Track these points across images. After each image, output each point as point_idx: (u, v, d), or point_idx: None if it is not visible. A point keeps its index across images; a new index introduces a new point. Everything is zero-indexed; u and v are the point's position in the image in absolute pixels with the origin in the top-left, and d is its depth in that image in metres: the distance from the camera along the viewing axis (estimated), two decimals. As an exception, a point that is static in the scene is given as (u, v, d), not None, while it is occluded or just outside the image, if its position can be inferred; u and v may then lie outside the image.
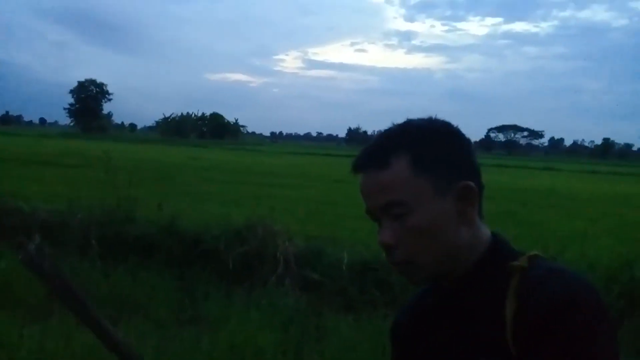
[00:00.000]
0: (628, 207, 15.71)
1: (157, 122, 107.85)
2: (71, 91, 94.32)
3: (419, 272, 0.93)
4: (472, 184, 0.93)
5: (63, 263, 5.81)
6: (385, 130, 0.98)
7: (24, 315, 4.69)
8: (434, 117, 0.97)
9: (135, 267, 5.83)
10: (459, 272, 0.94)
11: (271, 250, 5.93)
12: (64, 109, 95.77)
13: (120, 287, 5.41)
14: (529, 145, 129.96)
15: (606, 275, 5.10)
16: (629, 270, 5.22)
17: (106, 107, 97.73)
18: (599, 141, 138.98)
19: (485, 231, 0.96)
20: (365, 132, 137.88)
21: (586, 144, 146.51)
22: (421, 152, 0.92)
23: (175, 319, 4.84)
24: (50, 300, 5.04)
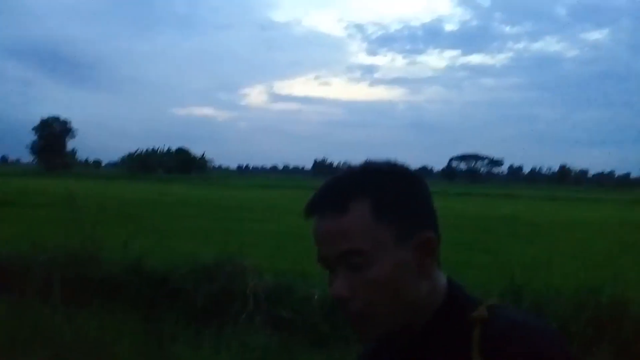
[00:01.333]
0: (589, 233, 16.10)
1: (122, 158, 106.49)
2: (34, 128, 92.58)
3: (374, 326, 0.87)
4: (433, 234, 0.89)
5: (24, 308, 5.62)
6: (343, 172, 0.93)
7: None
8: (393, 160, 0.93)
9: (100, 310, 5.66)
10: (416, 326, 0.89)
11: (240, 288, 5.85)
12: (27, 147, 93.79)
13: (85, 332, 5.23)
14: (489, 173, 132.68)
15: (573, 303, 5.18)
16: (595, 296, 5.32)
17: (70, 144, 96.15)
18: (556, 167, 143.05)
19: (441, 279, 0.92)
20: (331, 163, 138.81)
21: (544, 171, 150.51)
22: (382, 198, 0.86)
23: (143, 363, 4.69)
24: (12, 346, 4.85)
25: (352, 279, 0.86)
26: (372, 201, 0.86)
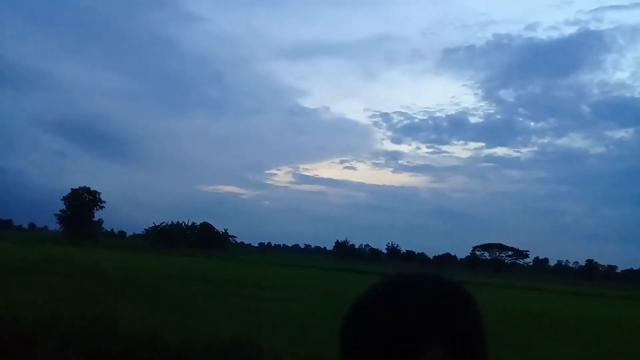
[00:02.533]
0: (619, 332, 15.41)
1: (146, 230, 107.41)
2: (64, 198, 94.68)
3: None
4: None
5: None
6: (400, 301, 0.76)
7: None
8: (448, 278, 0.82)
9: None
10: None
11: (257, 370, 5.68)
12: (55, 215, 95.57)
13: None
14: (514, 264, 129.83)
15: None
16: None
17: (97, 215, 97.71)
18: (582, 262, 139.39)
19: None
20: (352, 245, 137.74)
21: (570, 265, 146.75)
22: (455, 342, 0.75)
23: None
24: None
25: None
26: (444, 349, 0.74)
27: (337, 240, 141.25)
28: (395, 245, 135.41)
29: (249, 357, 5.79)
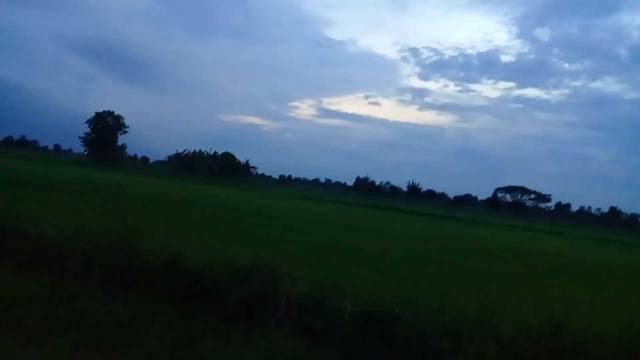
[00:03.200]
0: (633, 277, 15.45)
1: (169, 157, 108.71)
2: (88, 121, 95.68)
3: None
4: None
5: (63, 289, 5.76)
6: None
7: (18, 339, 4.61)
8: None
9: (136, 299, 5.75)
10: None
11: (273, 293, 5.84)
12: (79, 137, 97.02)
13: (118, 319, 5.32)
14: (535, 208, 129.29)
15: (615, 346, 4.95)
16: (638, 343, 5.06)
17: (121, 139, 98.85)
18: (605, 209, 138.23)
19: None
20: (373, 182, 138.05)
21: (592, 211, 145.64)
22: None
23: (171, 356, 4.72)
24: (47, 325, 4.97)
25: None
26: None
27: (358, 177, 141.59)
28: (416, 184, 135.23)
29: (266, 278, 5.95)
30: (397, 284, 8.15)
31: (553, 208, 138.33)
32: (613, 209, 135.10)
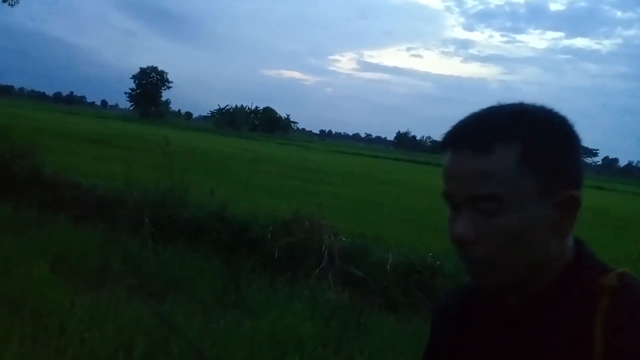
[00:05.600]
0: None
1: (211, 112, 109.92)
2: (133, 77, 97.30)
3: (494, 274, 0.81)
4: (579, 194, 0.81)
5: (116, 238, 6.05)
6: (492, 110, 0.83)
7: (77, 284, 4.91)
8: (549, 106, 0.83)
9: (185, 249, 6.00)
10: (534, 285, 0.83)
11: (316, 244, 5.98)
12: (125, 93, 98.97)
13: (169, 267, 5.58)
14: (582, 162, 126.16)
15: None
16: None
17: (165, 95, 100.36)
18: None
19: (571, 240, 0.85)
20: (414, 136, 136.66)
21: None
22: (534, 145, 0.79)
23: (219, 302, 4.95)
24: (103, 271, 5.26)
25: (481, 222, 0.79)
26: (522, 146, 0.78)
27: (399, 131, 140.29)
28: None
29: (309, 230, 6.09)
30: (438, 237, 8.18)
31: (600, 163, 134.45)
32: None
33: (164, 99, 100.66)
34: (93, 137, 22.22)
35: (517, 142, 0.79)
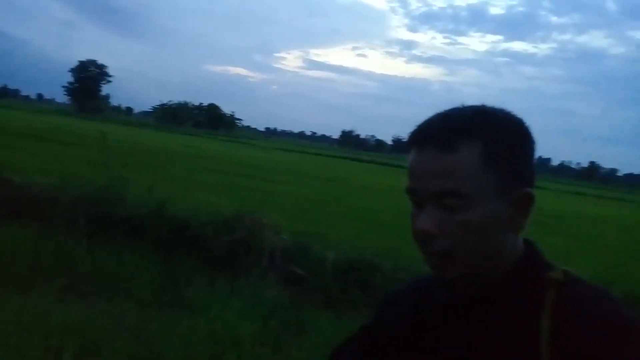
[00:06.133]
0: (611, 230, 15.88)
1: (153, 108, 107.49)
2: (71, 70, 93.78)
3: (453, 267, 0.85)
4: (533, 192, 0.87)
5: (49, 236, 5.82)
6: (456, 110, 0.88)
7: (6, 286, 4.69)
8: (507, 109, 0.88)
9: (121, 247, 5.84)
10: (489, 278, 0.88)
11: (258, 242, 5.96)
12: (63, 87, 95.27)
13: (104, 266, 5.42)
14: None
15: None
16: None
17: (105, 89, 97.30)
18: (585, 164, 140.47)
19: (521, 238, 0.91)
20: (358, 135, 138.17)
21: (573, 166, 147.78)
22: (494, 145, 0.83)
23: (157, 301, 4.85)
24: (33, 271, 5.06)
25: (443, 218, 0.84)
26: (484, 146, 0.83)
27: (344, 130, 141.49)
28: (401, 138, 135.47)
29: (251, 228, 6.06)
30: (379, 235, 8.31)
31: (535, 162, 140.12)
32: (592, 164, 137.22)
33: (103, 93, 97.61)
34: (27, 132, 21.28)
35: (479, 142, 0.83)
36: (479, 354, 0.86)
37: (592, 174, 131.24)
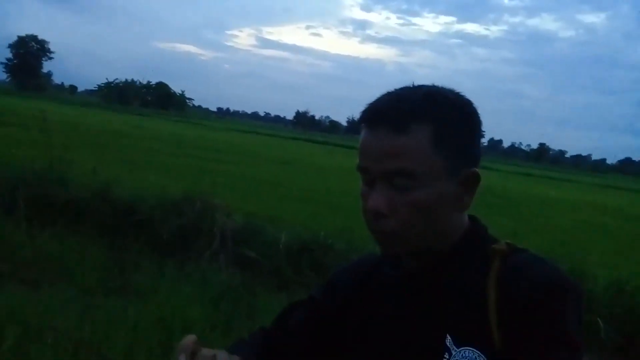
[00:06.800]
0: (557, 210, 16.48)
1: (99, 86, 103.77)
2: (10, 45, 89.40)
3: (402, 245, 0.89)
4: (479, 172, 0.90)
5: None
6: (407, 90, 0.89)
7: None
8: (457, 90, 0.91)
9: (64, 232, 5.60)
10: (436, 252, 0.91)
11: (208, 225, 5.83)
12: (1, 63, 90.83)
13: (46, 251, 5.19)
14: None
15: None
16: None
17: (46, 66, 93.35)
18: (535, 145, 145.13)
19: (466, 216, 0.94)
20: (313, 116, 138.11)
21: (523, 147, 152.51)
22: (445, 127, 0.85)
23: (102, 287, 4.68)
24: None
25: (394, 197, 0.86)
26: (434, 128, 0.85)
27: (298, 110, 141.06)
28: (355, 119, 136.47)
29: (201, 211, 5.92)
30: (333, 216, 8.32)
31: (486, 144, 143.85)
32: (542, 146, 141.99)
33: (45, 70, 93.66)
34: (-39, 111, 20.18)
35: (430, 123, 0.85)
36: (427, 325, 0.88)
37: (542, 155, 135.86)
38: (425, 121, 0.85)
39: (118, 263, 5.19)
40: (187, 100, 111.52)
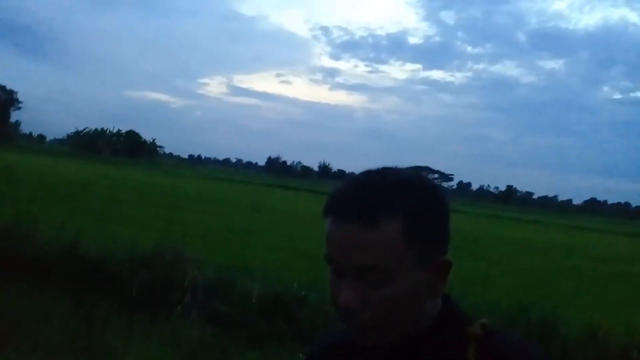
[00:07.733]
0: (527, 252, 16.68)
1: (68, 135, 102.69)
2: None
3: (377, 336, 0.87)
4: (450, 259, 0.89)
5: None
6: (374, 179, 0.87)
7: None
8: (420, 173, 0.90)
9: (29, 290, 5.43)
10: (410, 334, 0.89)
11: (179, 279, 5.73)
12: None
13: (11, 310, 5.00)
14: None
15: (505, 319, 5.32)
16: (526, 314, 5.49)
17: (14, 116, 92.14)
18: (502, 187, 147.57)
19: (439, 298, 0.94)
20: (284, 162, 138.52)
21: (491, 190, 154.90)
22: (414, 218, 0.83)
23: (69, 348, 4.52)
24: None
25: (366, 292, 0.84)
26: (404, 219, 0.83)
27: (269, 156, 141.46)
28: (327, 164, 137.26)
29: (172, 264, 5.81)
30: (306, 265, 8.25)
31: (455, 187, 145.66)
32: (509, 187, 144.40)
33: (12, 120, 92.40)
34: None
35: (399, 216, 0.83)
36: None
37: (510, 197, 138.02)
38: (395, 214, 0.82)
39: (86, 321, 5.02)
40: (158, 148, 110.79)
